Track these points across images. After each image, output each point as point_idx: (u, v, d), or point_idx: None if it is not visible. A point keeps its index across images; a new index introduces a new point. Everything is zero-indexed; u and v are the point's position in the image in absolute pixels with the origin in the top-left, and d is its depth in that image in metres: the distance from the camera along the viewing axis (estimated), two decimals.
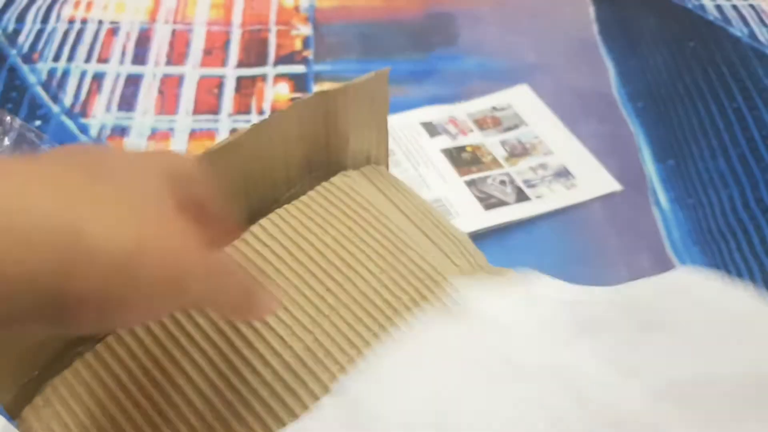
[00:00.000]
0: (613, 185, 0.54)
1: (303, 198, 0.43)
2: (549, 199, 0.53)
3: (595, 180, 0.55)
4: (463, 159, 0.56)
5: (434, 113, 0.60)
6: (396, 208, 0.45)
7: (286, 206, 0.42)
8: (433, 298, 0.39)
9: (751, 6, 0.73)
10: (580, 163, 0.56)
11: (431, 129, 0.58)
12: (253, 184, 0.43)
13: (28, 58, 0.63)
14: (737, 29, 0.70)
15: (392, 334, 0.37)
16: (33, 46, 0.64)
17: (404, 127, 0.58)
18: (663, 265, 0.50)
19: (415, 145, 0.57)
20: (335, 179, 0.44)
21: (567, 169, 0.55)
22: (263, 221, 0.41)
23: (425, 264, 0.40)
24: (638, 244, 0.51)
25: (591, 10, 0.72)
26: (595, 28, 0.70)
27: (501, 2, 0.72)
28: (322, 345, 0.36)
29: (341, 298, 0.38)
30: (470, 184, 0.54)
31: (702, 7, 0.73)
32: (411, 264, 0.40)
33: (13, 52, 0.63)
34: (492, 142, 0.58)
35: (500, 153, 0.57)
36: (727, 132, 0.60)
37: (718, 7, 0.73)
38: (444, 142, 0.57)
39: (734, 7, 0.73)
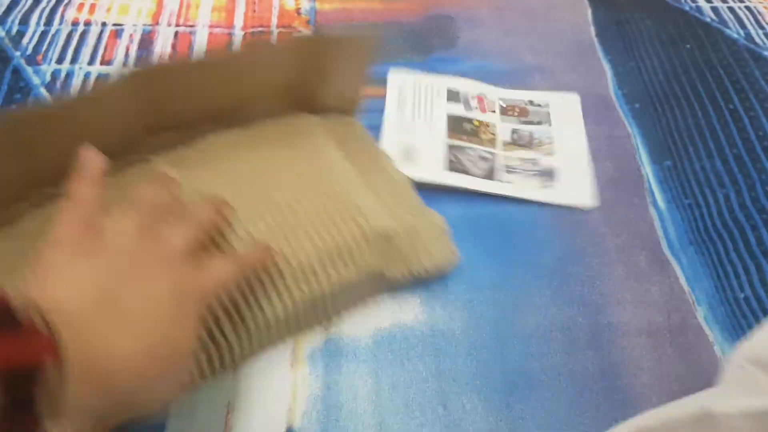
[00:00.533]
0: (587, 201, 0.54)
1: (259, 126, 0.49)
2: (516, 187, 0.54)
3: (573, 191, 0.54)
4: (462, 128, 0.58)
5: (467, 85, 0.62)
6: (341, 145, 0.51)
7: (237, 129, 0.49)
8: (334, 211, 0.44)
9: (748, 8, 0.74)
10: (572, 173, 0.56)
11: (454, 96, 0.60)
12: (228, 105, 0.48)
13: (32, 60, 0.63)
14: (734, 31, 0.71)
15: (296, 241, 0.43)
16: (37, 47, 0.65)
17: (429, 85, 0.61)
18: (660, 265, 0.50)
19: (427, 102, 0.60)
20: (292, 118, 0.50)
21: (554, 172, 0.55)
22: (214, 137, 0.48)
23: (338, 185, 0.45)
24: (635, 244, 0.52)
25: (588, 13, 0.73)
26: (592, 30, 0.70)
27: (500, 5, 0.72)
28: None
29: (246, 197, 0.43)
30: (451, 147, 0.56)
31: (698, 9, 0.74)
32: (325, 184, 0.45)
33: (17, 53, 0.64)
34: (503, 127, 0.59)
35: (504, 138, 0.58)
36: (724, 133, 0.60)
37: (715, 9, 0.74)
38: (457, 109, 0.59)
39: (730, 9, 0.74)
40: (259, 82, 0.47)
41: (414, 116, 0.59)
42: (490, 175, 0.54)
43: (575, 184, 0.55)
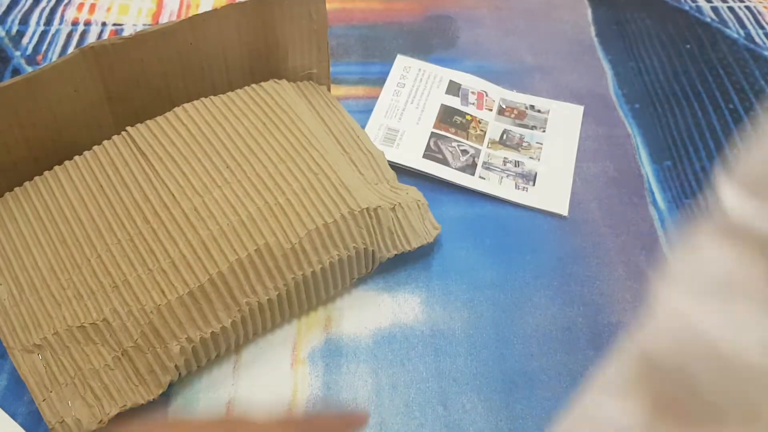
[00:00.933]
0: (560, 209, 0.53)
1: (230, 93, 0.49)
2: (489, 184, 0.54)
3: (548, 197, 0.54)
4: (452, 120, 0.58)
5: (470, 80, 0.62)
6: (318, 118, 0.51)
7: (211, 96, 0.48)
8: (322, 190, 0.44)
9: (748, 8, 0.74)
10: (552, 180, 0.55)
11: (454, 88, 0.61)
12: (191, 75, 0.49)
13: (32, 60, 0.63)
14: (733, 31, 0.71)
15: (274, 210, 0.42)
16: (37, 47, 0.65)
17: (432, 74, 0.63)
18: (660, 265, 0.50)
19: (425, 90, 0.61)
20: (265, 84, 0.50)
21: (534, 177, 0.55)
22: (187, 105, 0.47)
23: (324, 163, 0.45)
24: (635, 244, 0.52)
25: (588, 13, 0.73)
26: (592, 30, 0.70)
27: (499, 5, 0.72)
28: (207, 208, 0.42)
29: (237, 175, 0.43)
30: (435, 135, 0.57)
31: (698, 9, 0.74)
32: (311, 160, 0.45)
33: (17, 53, 0.64)
34: (495, 126, 0.59)
35: (492, 136, 0.58)
36: (724, 133, 0.60)
37: (715, 9, 0.74)
38: (452, 102, 0.60)
39: (730, 8, 0.74)
40: (212, 48, 0.48)
41: (407, 102, 0.59)
42: (468, 170, 0.55)
43: (552, 191, 0.54)
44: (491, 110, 0.60)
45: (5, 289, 0.41)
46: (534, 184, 0.55)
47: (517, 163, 0.56)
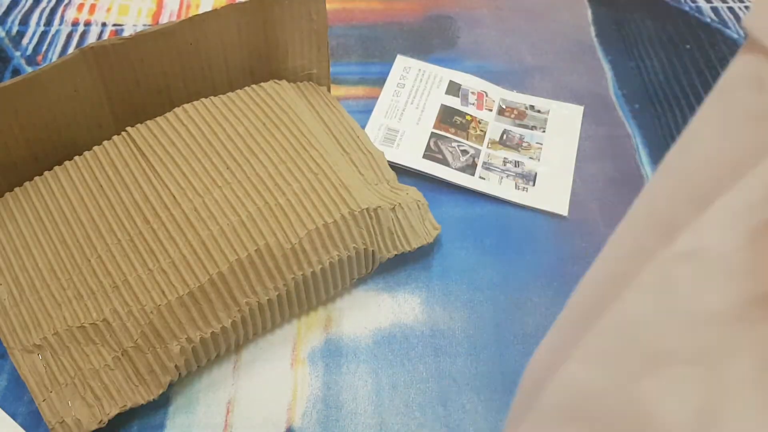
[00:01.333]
0: (560, 209, 0.53)
1: (230, 93, 0.49)
2: (489, 185, 0.54)
3: (548, 197, 0.54)
4: (452, 120, 0.58)
5: (470, 80, 0.62)
6: (318, 118, 0.51)
7: (211, 97, 0.48)
8: (322, 191, 0.44)
9: (747, 8, 0.74)
10: (552, 180, 0.55)
11: (454, 89, 0.61)
12: (191, 75, 0.49)
13: (32, 60, 0.63)
14: (733, 31, 0.71)
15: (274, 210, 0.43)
16: (37, 48, 0.65)
17: (432, 75, 0.62)
18: None
19: (425, 90, 0.61)
20: (265, 84, 0.50)
21: (534, 177, 0.55)
22: (187, 105, 0.47)
23: (324, 163, 0.45)
24: None
25: (588, 13, 0.73)
26: (592, 30, 0.70)
27: (499, 5, 0.72)
28: (208, 208, 0.42)
29: (237, 175, 0.43)
30: (435, 135, 0.57)
31: (698, 9, 0.74)
32: (311, 161, 0.45)
33: (17, 54, 0.64)
34: (495, 126, 0.59)
35: (492, 137, 0.58)
36: None
37: (714, 10, 0.74)
38: (452, 102, 0.60)
39: (730, 9, 0.74)
40: (212, 48, 0.48)
41: (407, 102, 0.59)
42: (468, 170, 0.55)
43: (552, 191, 0.54)
44: (491, 110, 0.60)
45: (5, 289, 0.41)
46: (534, 184, 0.55)
47: (517, 163, 0.56)
